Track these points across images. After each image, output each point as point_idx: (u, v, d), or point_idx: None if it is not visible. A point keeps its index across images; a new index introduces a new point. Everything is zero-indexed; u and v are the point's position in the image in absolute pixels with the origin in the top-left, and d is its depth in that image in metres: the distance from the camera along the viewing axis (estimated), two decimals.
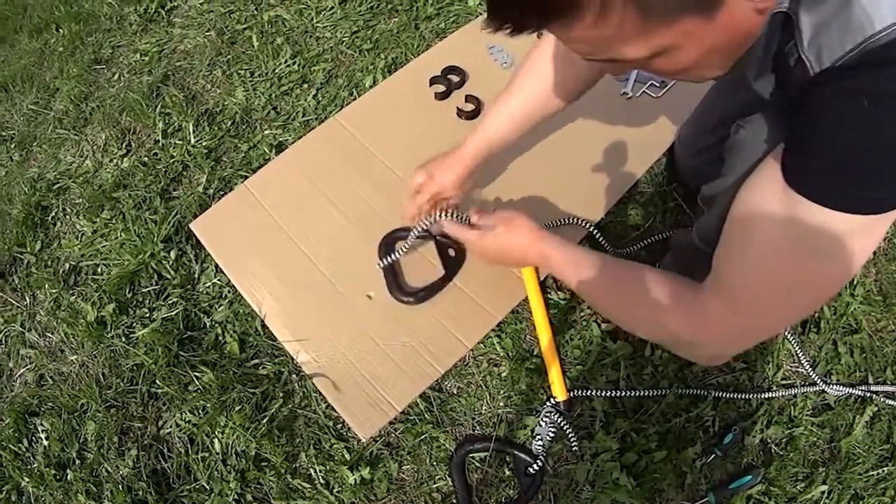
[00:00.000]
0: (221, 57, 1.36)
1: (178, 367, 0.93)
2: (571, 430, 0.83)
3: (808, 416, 0.84)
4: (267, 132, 1.21)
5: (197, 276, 1.04)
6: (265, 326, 0.95)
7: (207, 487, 0.85)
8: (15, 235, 1.16)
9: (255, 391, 0.90)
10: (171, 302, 1.00)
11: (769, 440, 0.83)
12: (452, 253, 0.97)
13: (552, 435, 0.83)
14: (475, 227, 0.82)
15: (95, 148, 1.27)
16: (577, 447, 0.82)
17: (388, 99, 1.20)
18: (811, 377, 0.86)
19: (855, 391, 0.85)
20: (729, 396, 0.85)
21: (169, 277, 1.03)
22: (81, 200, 1.18)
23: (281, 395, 0.90)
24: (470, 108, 1.15)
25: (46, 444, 0.91)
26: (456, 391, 0.89)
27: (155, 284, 1.03)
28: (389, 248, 0.97)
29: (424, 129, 1.14)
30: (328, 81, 1.28)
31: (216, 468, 0.86)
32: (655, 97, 1.15)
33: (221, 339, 0.96)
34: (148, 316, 1.00)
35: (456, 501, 0.81)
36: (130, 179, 1.19)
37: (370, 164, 1.10)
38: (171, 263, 1.04)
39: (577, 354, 0.90)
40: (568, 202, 1.02)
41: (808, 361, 0.87)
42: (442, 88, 1.18)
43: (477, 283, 0.95)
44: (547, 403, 0.85)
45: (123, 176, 1.20)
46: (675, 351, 0.70)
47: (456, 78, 1.19)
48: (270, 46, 1.35)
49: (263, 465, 0.86)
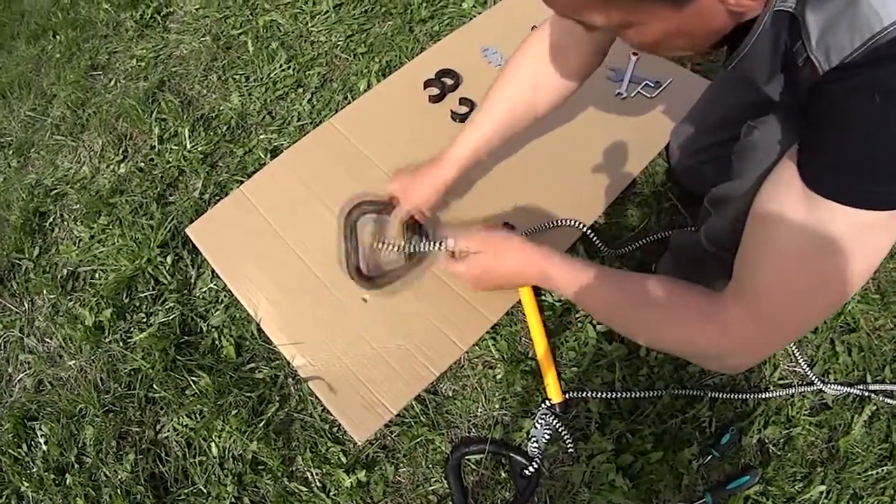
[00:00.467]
0: (217, 62, 1.37)
1: (175, 371, 0.94)
2: (567, 431, 0.82)
3: (805, 415, 0.84)
4: (262, 137, 1.21)
5: (193, 280, 1.04)
6: (261, 330, 0.96)
7: (205, 491, 0.85)
8: (13, 241, 1.17)
9: (251, 395, 0.90)
10: (167, 307, 1.01)
11: (767, 440, 0.83)
12: (413, 248, 0.93)
13: (548, 437, 0.83)
14: (461, 255, 0.81)
15: (92, 154, 1.27)
16: (572, 449, 0.82)
17: (382, 102, 1.20)
18: (809, 377, 0.86)
19: (853, 390, 0.84)
20: (726, 397, 0.85)
21: (166, 282, 1.04)
22: (79, 206, 1.19)
23: (277, 398, 0.90)
24: (464, 110, 1.15)
25: (45, 448, 0.92)
26: (451, 394, 0.89)
27: (152, 289, 1.03)
28: (354, 226, 0.98)
29: (419, 132, 1.14)
30: (323, 85, 1.29)
31: (213, 472, 0.86)
32: (650, 97, 1.14)
33: (218, 343, 0.96)
34: (145, 321, 1.00)
35: None
36: (127, 185, 1.20)
37: (365, 167, 1.10)
38: (167, 268, 1.05)
39: (572, 356, 0.90)
40: (562, 203, 1.02)
41: (805, 361, 0.87)
42: (436, 91, 1.18)
43: None
44: (542, 405, 0.85)
45: (120, 181, 1.20)
46: (700, 364, 0.68)
47: (450, 81, 1.19)
48: (265, 51, 1.35)
49: (260, 468, 0.86)
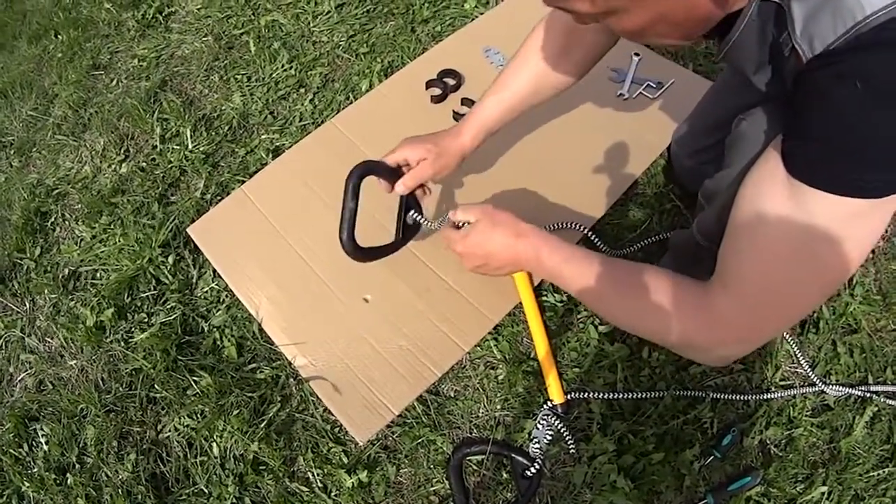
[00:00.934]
0: (219, 62, 1.37)
1: (176, 371, 0.94)
2: (569, 432, 0.82)
3: (807, 416, 0.84)
4: (264, 137, 1.21)
5: (195, 280, 1.04)
6: (262, 330, 0.96)
7: (206, 491, 0.85)
8: (14, 241, 1.17)
9: (252, 395, 0.90)
10: (169, 307, 1.01)
11: (768, 441, 0.83)
12: (411, 221, 0.89)
13: (549, 438, 0.83)
14: (457, 225, 0.80)
15: (94, 153, 1.27)
16: (574, 450, 0.82)
17: (384, 103, 1.20)
18: (810, 378, 0.86)
19: (855, 391, 0.84)
20: (727, 398, 0.85)
21: (167, 282, 1.04)
22: (80, 206, 1.19)
23: (278, 398, 0.90)
24: (466, 111, 1.14)
25: (46, 448, 0.92)
26: (453, 394, 0.89)
27: (153, 289, 1.03)
28: (357, 189, 0.86)
29: (421, 132, 1.11)
30: (325, 85, 1.29)
31: (214, 472, 0.86)
32: (652, 98, 1.14)
33: (219, 343, 0.96)
34: (146, 321, 1.00)
35: None
36: (129, 185, 1.20)
37: None
38: (169, 268, 1.05)
39: (573, 357, 0.90)
40: (564, 204, 1.02)
41: (807, 362, 0.87)
42: (438, 92, 1.18)
43: (473, 285, 0.95)
44: (544, 406, 0.85)
45: (122, 181, 1.20)
46: (684, 355, 0.67)
47: (452, 81, 1.19)
48: (267, 51, 1.35)
49: (261, 468, 0.86)
